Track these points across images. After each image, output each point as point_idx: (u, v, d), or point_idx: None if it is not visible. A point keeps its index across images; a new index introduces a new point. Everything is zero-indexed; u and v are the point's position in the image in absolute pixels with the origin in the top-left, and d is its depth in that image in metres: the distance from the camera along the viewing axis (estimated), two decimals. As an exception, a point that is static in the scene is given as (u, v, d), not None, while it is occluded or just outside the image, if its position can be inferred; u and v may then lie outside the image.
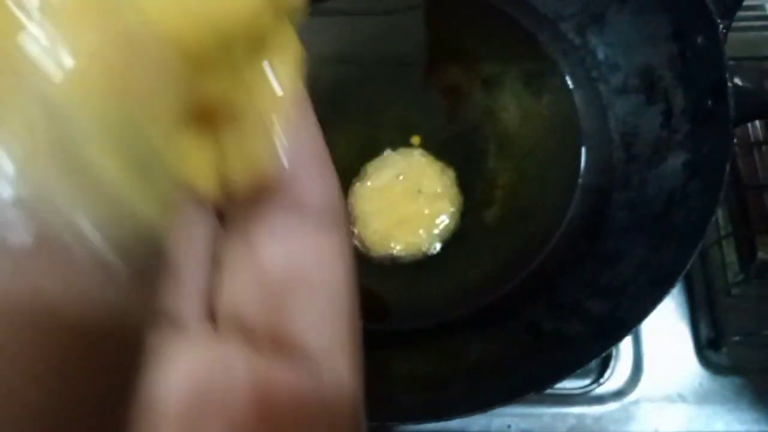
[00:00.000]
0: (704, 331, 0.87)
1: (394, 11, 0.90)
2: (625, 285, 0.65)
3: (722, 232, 0.89)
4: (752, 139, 0.92)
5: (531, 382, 0.55)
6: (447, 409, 0.55)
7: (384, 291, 0.77)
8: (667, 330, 0.87)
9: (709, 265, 0.88)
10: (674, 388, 0.84)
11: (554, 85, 0.86)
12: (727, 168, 0.61)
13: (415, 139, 0.84)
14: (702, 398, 0.83)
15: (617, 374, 0.83)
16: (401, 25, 0.90)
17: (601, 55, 0.84)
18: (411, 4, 0.90)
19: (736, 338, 0.84)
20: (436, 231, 0.77)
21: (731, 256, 0.90)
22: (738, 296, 0.87)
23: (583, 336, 0.61)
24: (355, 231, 0.79)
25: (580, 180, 0.81)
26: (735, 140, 0.66)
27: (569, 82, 0.86)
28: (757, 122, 0.94)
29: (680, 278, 0.57)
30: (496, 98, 0.86)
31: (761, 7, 0.99)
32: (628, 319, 0.58)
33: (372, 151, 0.83)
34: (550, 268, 0.76)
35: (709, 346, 0.86)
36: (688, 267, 0.57)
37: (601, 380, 0.82)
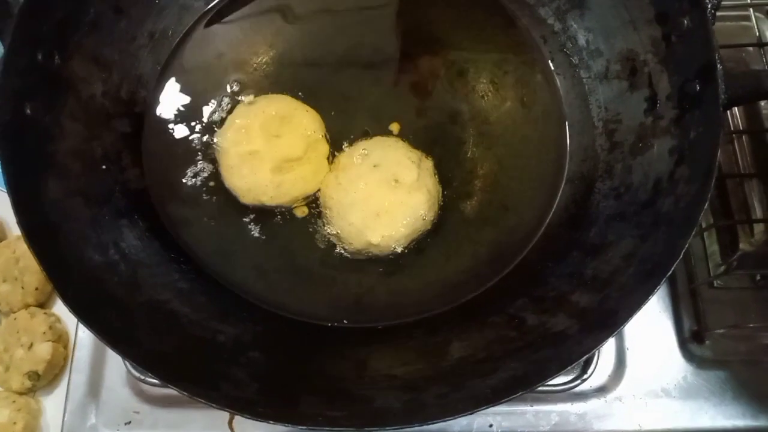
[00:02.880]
0: (687, 323, 0.85)
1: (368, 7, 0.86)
2: (612, 276, 0.62)
3: (703, 224, 0.87)
4: (732, 128, 0.91)
5: (519, 381, 0.52)
6: (429, 413, 0.51)
7: (360, 286, 0.73)
8: (649, 323, 0.84)
9: (691, 256, 0.86)
10: (658, 382, 0.82)
11: (534, 71, 0.83)
12: (718, 153, 0.58)
13: (394, 127, 0.79)
14: (686, 393, 0.81)
15: (600, 370, 0.80)
16: (377, 15, 0.86)
17: (582, 40, 0.81)
18: (385, 15, 0.86)
19: (720, 331, 0.82)
20: (415, 223, 0.73)
21: (713, 247, 0.88)
22: (720, 288, 0.86)
23: (572, 330, 0.58)
24: (329, 223, 0.75)
25: (561, 169, 0.78)
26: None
27: (549, 69, 0.83)
28: (736, 111, 0.92)
29: (673, 268, 0.54)
30: (474, 85, 0.82)
31: (740, -5, 0.98)
32: (619, 311, 0.55)
33: (346, 140, 0.78)
34: (532, 261, 0.73)
35: (692, 339, 0.84)
36: (680, 256, 0.54)
37: (585, 376, 0.79)
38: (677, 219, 0.60)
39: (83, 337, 0.81)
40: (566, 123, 0.80)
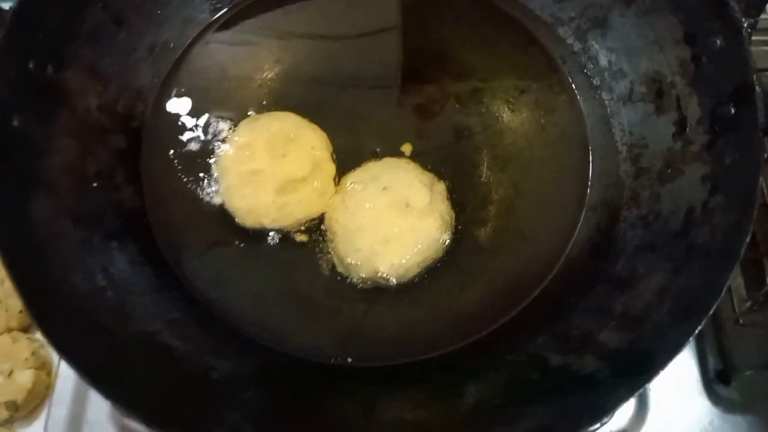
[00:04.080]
0: (712, 362, 0.79)
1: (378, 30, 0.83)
2: (645, 313, 0.57)
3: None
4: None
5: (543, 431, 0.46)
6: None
7: (366, 320, 0.68)
8: (672, 362, 0.80)
9: (716, 290, 0.82)
10: (682, 427, 0.76)
11: (552, 93, 0.79)
12: (760, 180, 0.54)
13: (407, 148, 0.75)
14: (713, 438, 0.76)
15: (621, 412, 0.75)
16: (387, 35, 0.83)
17: (603, 61, 0.77)
18: (396, 31, 0.83)
19: (749, 372, 0.77)
20: (426, 250, 0.68)
21: (737, 280, 0.83)
22: (747, 325, 0.81)
23: (602, 374, 0.53)
24: (335, 248, 0.70)
25: (582, 195, 0.73)
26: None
27: (569, 90, 0.79)
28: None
29: (714, 306, 0.49)
30: (488, 106, 0.78)
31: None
32: (654, 353, 0.50)
33: (354, 160, 0.74)
34: (553, 294, 0.68)
35: (717, 380, 0.79)
36: (722, 293, 0.49)
37: (605, 419, 0.73)
38: (714, 252, 0.55)
39: (66, 367, 0.76)
40: (588, 147, 0.75)
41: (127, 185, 0.72)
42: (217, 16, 0.82)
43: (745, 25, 0.60)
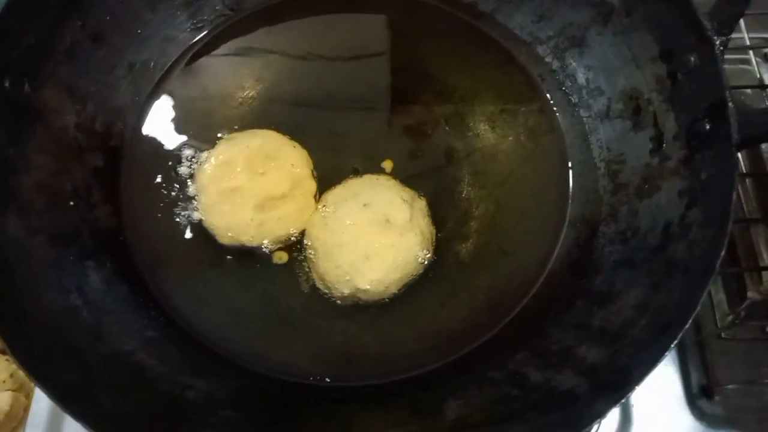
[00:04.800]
0: (695, 377, 0.79)
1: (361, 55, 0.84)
2: (623, 329, 0.57)
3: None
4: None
5: (524, 448, 0.46)
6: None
7: (345, 336, 0.67)
8: (655, 377, 0.78)
9: (697, 305, 0.82)
10: (666, 443, 0.76)
11: (531, 110, 0.80)
12: (734, 195, 0.54)
13: (387, 164, 0.75)
14: (696, 455, 0.76)
15: (603, 429, 0.75)
16: (370, 57, 0.83)
17: (581, 78, 0.78)
18: (377, 50, 0.84)
19: (732, 386, 0.77)
20: (407, 266, 0.68)
21: (719, 295, 0.84)
22: (729, 339, 0.81)
23: (581, 389, 0.52)
24: (315, 265, 0.69)
25: (563, 211, 0.74)
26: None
27: (548, 107, 0.80)
28: (738, 154, 0.89)
29: (691, 320, 0.49)
30: (469, 123, 0.79)
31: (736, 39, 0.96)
32: (632, 367, 0.49)
33: (335, 178, 0.74)
34: (533, 310, 0.68)
35: (701, 395, 0.79)
36: (698, 307, 0.49)
37: (586, 435, 0.73)
38: (693, 267, 0.55)
39: (42, 389, 0.74)
40: (568, 163, 0.76)
41: (104, 204, 0.71)
42: (199, 36, 0.82)
43: (718, 42, 0.60)
